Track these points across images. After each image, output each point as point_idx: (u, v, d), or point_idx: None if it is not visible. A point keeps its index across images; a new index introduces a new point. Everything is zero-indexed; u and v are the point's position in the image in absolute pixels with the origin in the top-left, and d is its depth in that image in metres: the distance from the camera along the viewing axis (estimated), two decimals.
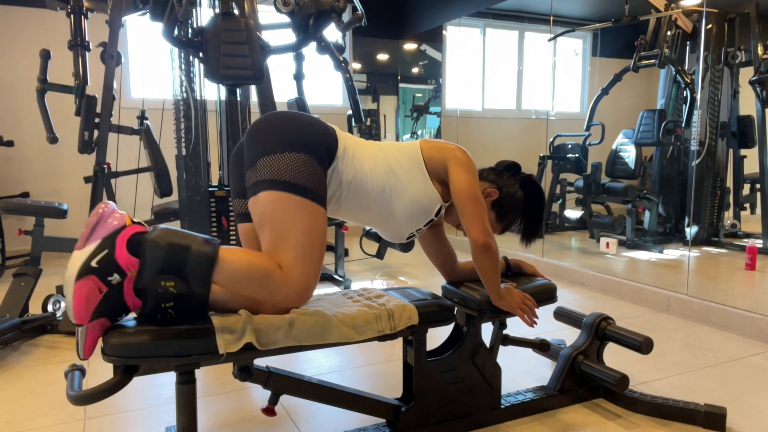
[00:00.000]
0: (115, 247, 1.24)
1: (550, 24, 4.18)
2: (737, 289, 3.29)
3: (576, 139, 4.51)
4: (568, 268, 3.76)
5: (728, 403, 1.97)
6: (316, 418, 1.86)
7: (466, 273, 1.89)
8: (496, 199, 1.75)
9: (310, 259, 1.40)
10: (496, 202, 1.76)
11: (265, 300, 1.41)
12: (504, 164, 1.84)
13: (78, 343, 1.26)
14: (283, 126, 1.47)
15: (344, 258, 3.78)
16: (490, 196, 1.75)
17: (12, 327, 2.43)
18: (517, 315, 1.72)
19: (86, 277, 1.21)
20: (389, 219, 1.63)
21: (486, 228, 1.60)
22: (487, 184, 1.77)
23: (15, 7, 4.45)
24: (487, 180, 1.78)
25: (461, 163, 1.63)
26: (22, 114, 4.53)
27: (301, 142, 1.44)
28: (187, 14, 2.51)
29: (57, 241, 3.14)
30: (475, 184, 1.61)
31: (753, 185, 3.88)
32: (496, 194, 1.75)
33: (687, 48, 3.98)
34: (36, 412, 1.92)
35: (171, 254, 1.26)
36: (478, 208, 1.60)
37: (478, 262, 1.61)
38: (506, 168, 1.82)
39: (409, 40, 5.93)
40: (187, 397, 1.40)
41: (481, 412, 1.79)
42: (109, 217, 1.27)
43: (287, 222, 1.39)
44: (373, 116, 5.85)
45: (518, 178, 1.80)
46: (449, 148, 1.66)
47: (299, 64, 3.49)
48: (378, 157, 1.61)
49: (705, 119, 3.90)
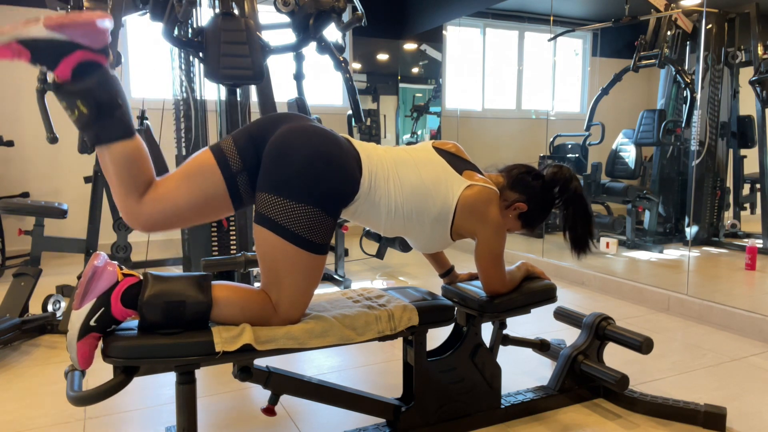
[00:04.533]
0: (111, 304, 1.30)
1: (550, 24, 4.18)
2: (737, 289, 3.29)
3: (576, 139, 4.51)
4: (568, 268, 3.76)
5: (728, 403, 1.97)
6: (316, 418, 1.86)
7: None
8: (523, 211, 1.74)
9: (304, 301, 1.48)
10: (522, 214, 1.74)
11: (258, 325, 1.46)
12: (524, 169, 1.77)
13: (72, 358, 1.30)
14: (309, 161, 1.40)
15: (344, 258, 3.78)
16: (518, 209, 1.73)
17: (12, 327, 2.43)
18: (536, 273, 1.89)
19: (87, 336, 1.28)
20: (395, 232, 1.67)
21: (503, 283, 1.72)
22: (516, 196, 1.73)
23: (15, 7, 4.45)
24: (515, 191, 1.73)
25: (493, 229, 1.63)
26: (22, 114, 4.53)
27: (320, 193, 1.41)
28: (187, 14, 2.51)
29: (57, 241, 3.14)
30: (501, 246, 1.66)
31: (753, 185, 3.88)
32: (524, 208, 1.73)
33: (687, 48, 3.98)
34: (36, 412, 1.92)
35: (168, 311, 1.32)
36: (499, 266, 1.69)
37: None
38: (534, 177, 1.75)
39: (409, 40, 5.93)
40: (187, 397, 1.40)
41: (481, 412, 1.79)
42: (103, 273, 1.30)
43: (287, 270, 1.42)
44: (373, 116, 5.85)
45: (558, 193, 1.75)
46: (487, 218, 1.62)
47: (299, 64, 3.49)
48: (413, 193, 1.58)
49: (705, 119, 3.90)
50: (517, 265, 1.88)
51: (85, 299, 1.28)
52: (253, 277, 2.67)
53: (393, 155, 1.61)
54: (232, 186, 1.46)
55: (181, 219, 1.44)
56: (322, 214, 1.42)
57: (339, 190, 1.46)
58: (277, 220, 1.39)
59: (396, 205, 1.56)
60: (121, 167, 1.35)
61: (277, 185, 1.39)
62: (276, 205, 1.39)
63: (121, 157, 1.34)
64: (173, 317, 1.33)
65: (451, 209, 1.61)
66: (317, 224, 1.41)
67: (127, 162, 1.35)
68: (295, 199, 1.39)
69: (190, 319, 1.34)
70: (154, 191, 1.40)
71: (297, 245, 1.40)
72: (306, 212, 1.39)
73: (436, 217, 1.61)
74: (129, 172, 1.36)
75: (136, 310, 1.32)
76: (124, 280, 1.32)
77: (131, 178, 1.36)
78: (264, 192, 1.41)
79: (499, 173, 1.78)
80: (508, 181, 1.74)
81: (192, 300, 1.33)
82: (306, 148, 1.42)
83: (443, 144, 1.75)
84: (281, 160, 1.41)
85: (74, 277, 3.67)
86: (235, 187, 1.47)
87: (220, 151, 1.47)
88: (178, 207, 1.41)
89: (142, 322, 1.33)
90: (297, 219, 1.39)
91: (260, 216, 1.41)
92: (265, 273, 1.45)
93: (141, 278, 1.35)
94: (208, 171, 1.45)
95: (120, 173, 1.35)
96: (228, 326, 1.39)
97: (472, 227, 1.64)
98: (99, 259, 1.32)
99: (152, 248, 4.79)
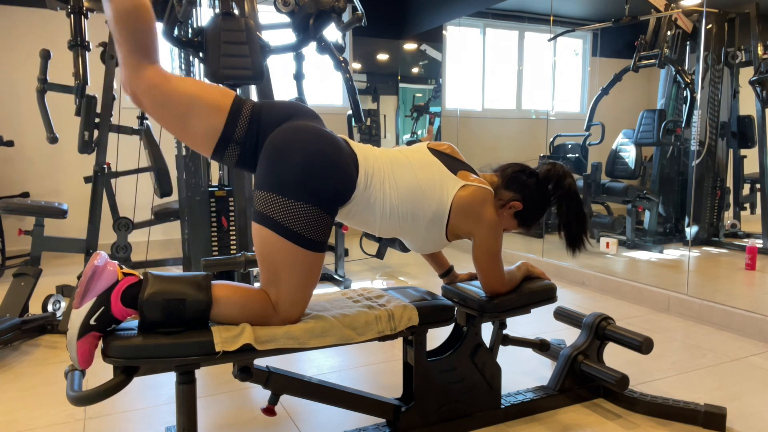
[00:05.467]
0: (111, 303, 1.31)
1: (550, 24, 4.18)
2: (737, 289, 3.29)
3: (576, 139, 4.51)
4: (568, 268, 3.76)
5: (728, 403, 1.97)
6: (316, 418, 1.86)
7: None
8: (519, 210, 1.74)
9: (303, 299, 1.48)
10: (518, 213, 1.74)
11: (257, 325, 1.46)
12: (518, 168, 1.77)
13: (72, 357, 1.30)
14: (308, 161, 1.41)
15: (344, 258, 3.78)
16: (514, 207, 1.73)
17: (12, 327, 2.43)
18: (536, 273, 1.90)
19: (87, 335, 1.29)
20: (390, 233, 1.67)
21: (502, 282, 1.72)
22: (511, 195, 1.73)
23: (15, 7, 4.45)
24: (510, 190, 1.73)
25: (489, 229, 1.64)
26: (22, 114, 4.53)
27: (318, 192, 1.42)
28: (187, 14, 2.51)
29: (57, 241, 3.14)
30: (498, 246, 1.66)
31: (753, 185, 3.88)
32: (519, 207, 1.73)
33: (687, 48, 3.98)
34: (36, 412, 1.92)
35: (168, 310, 1.32)
36: (497, 266, 1.69)
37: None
38: (528, 175, 1.75)
39: (409, 40, 5.93)
40: (187, 397, 1.40)
41: (481, 412, 1.79)
42: (103, 272, 1.31)
43: (287, 269, 1.43)
44: (373, 116, 5.85)
45: (552, 190, 1.75)
46: (483, 218, 1.62)
47: (299, 64, 3.49)
48: (408, 194, 1.59)
49: (705, 119, 3.90)
50: (516, 265, 1.88)
51: (85, 298, 1.28)
52: (253, 277, 2.67)
53: (389, 156, 1.62)
54: (221, 145, 1.47)
55: (163, 116, 1.45)
56: (320, 211, 1.42)
57: (336, 189, 1.46)
58: (275, 218, 1.39)
59: (391, 206, 1.57)
60: (123, 22, 1.34)
61: (276, 183, 1.40)
62: (274, 203, 1.39)
63: (121, 12, 1.33)
64: (173, 316, 1.33)
65: (446, 210, 1.61)
66: (315, 222, 1.42)
67: (127, 18, 1.34)
68: (294, 197, 1.39)
69: (190, 318, 1.34)
70: (157, 75, 1.39)
71: (295, 243, 1.40)
72: (304, 210, 1.40)
73: (431, 217, 1.61)
74: (131, 29, 1.35)
75: (136, 309, 1.32)
76: (124, 279, 1.33)
77: (133, 36, 1.35)
78: (262, 190, 1.42)
79: (494, 173, 1.79)
80: (503, 181, 1.74)
81: (192, 299, 1.34)
82: (304, 147, 1.42)
83: (438, 145, 1.75)
84: (280, 159, 1.41)
85: (74, 277, 3.67)
86: (223, 149, 1.48)
87: (237, 111, 1.47)
88: (165, 111, 1.42)
89: (142, 321, 1.33)
90: (295, 217, 1.39)
91: (259, 214, 1.42)
92: (264, 272, 1.46)
93: (141, 278, 1.35)
94: (214, 116, 1.45)
95: (122, 29, 1.35)
96: (228, 326, 1.39)
97: (468, 227, 1.64)
98: (99, 259, 1.32)
99: (152, 248, 4.79)
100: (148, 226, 3.77)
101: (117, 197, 3.72)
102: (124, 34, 1.35)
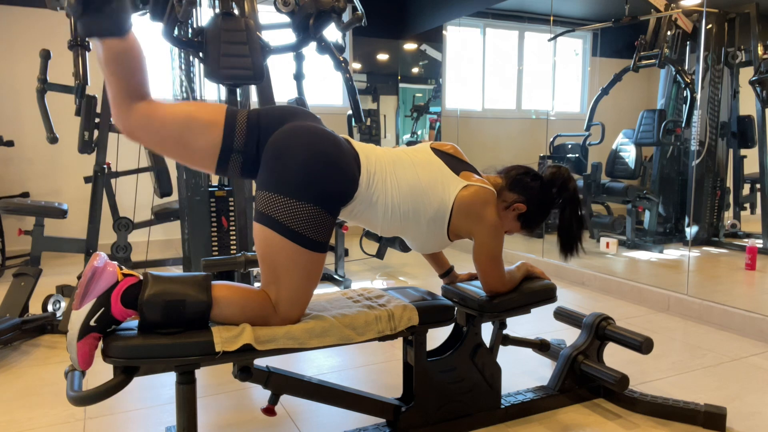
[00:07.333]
0: (111, 304, 1.30)
1: (550, 24, 4.18)
2: (737, 289, 3.29)
3: (576, 139, 4.51)
4: (568, 268, 3.76)
5: (728, 403, 1.97)
6: (316, 418, 1.86)
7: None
8: (522, 212, 1.74)
9: (304, 300, 1.48)
10: (521, 215, 1.74)
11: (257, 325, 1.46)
12: (522, 170, 1.77)
13: (72, 358, 1.30)
14: (310, 161, 1.41)
15: (344, 258, 3.78)
16: (517, 209, 1.73)
17: (12, 327, 2.43)
18: (536, 273, 1.90)
19: (87, 336, 1.28)
20: (392, 232, 1.67)
21: (502, 282, 1.72)
22: (514, 197, 1.73)
23: (15, 7, 4.45)
24: (514, 192, 1.73)
25: (490, 229, 1.63)
26: (22, 114, 4.53)
27: (320, 192, 1.42)
28: (187, 14, 2.51)
29: (57, 241, 3.14)
30: (499, 246, 1.66)
31: (753, 185, 3.88)
32: (523, 209, 1.73)
33: (687, 48, 3.98)
34: (36, 412, 1.92)
35: (168, 310, 1.32)
36: (497, 266, 1.69)
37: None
38: (533, 177, 1.75)
39: (409, 40, 5.93)
40: (187, 397, 1.40)
41: (481, 412, 1.79)
42: (102, 273, 1.31)
43: (288, 269, 1.43)
44: (373, 116, 5.85)
45: (557, 193, 1.75)
46: (484, 218, 1.62)
47: (299, 64, 3.49)
48: (410, 193, 1.59)
49: (705, 119, 3.90)
50: (516, 265, 1.88)
51: (85, 299, 1.28)
52: (253, 277, 2.67)
53: (391, 156, 1.62)
54: (224, 157, 1.47)
55: (162, 143, 1.45)
56: (322, 212, 1.42)
57: (338, 189, 1.47)
58: (277, 217, 1.39)
59: (393, 205, 1.57)
60: (114, 64, 1.34)
61: (278, 183, 1.40)
62: (276, 203, 1.40)
63: (112, 54, 1.33)
64: (173, 317, 1.33)
65: (448, 209, 1.61)
66: (317, 222, 1.42)
67: (117, 60, 1.34)
68: (296, 197, 1.39)
69: (190, 318, 1.34)
70: (148, 106, 1.40)
71: (297, 243, 1.40)
72: (306, 210, 1.40)
73: (433, 217, 1.62)
74: (121, 71, 1.35)
75: (136, 310, 1.32)
76: (124, 280, 1.32)
77: (123, 78, 1.36)
78: (264, 190, 1.42)
79: (498, 174, 1.79)
80: (507, 182, 1.74)
81: (192, 299, 1.34)
82: (306, 147, 1.42)
83: (441, 145, 1.75)
84: (282, 160, 1.41)
85: (74, 277, 3.67)
86: (226, 161, 1.48)
87: (233, 121, 1.47)
88: (163, 137, 1.43)
89: (142, 321, 1.33)
90: (297, 217, 1.39)
91: (260, 214, 1.42)
92: (264, 271, 1.46)
93: (141, 278, 1.35)
94: (212, 130, 1.45)
95: (113, 70, 1.35)
96: (228, 326, 1.39)
97: (469, 228, 1.64)
98: (99, 260, 1.32)
99: (152, 248, 4.79)
100: (148, 226, 3.77)
101: (117, 197, 3.72)
102: (117, 74, 1.35)
